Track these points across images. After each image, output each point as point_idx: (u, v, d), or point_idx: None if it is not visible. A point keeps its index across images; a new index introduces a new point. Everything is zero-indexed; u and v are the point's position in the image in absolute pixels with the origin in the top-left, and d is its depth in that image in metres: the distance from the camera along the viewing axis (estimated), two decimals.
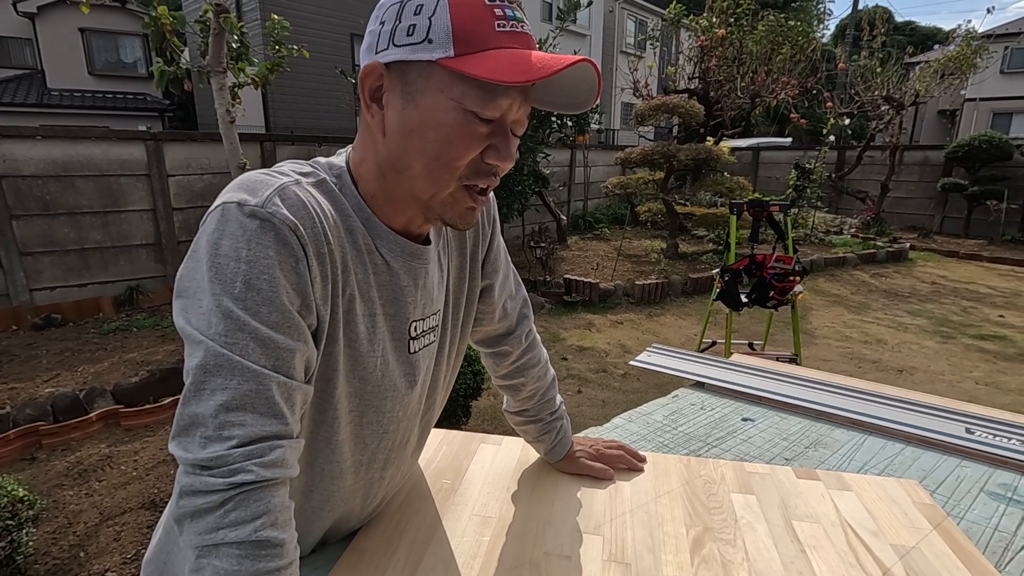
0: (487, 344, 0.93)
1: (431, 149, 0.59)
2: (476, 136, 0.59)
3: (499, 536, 0.84)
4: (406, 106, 0.59)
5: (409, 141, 0.59)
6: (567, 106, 0.63)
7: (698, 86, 8.79)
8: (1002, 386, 4.06)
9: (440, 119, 0.57)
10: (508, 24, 0.57)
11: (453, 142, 0.58)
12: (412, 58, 0.57)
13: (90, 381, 3.76)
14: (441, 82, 0.56)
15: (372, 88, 0.60)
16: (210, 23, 3.48)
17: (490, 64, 0.54)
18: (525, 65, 0.55)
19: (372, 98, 0.61)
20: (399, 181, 0.62)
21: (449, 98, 0.57)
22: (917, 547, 0.84)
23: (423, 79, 0.57)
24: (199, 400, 0.52)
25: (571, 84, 0.60)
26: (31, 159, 4.89)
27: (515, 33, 0.57)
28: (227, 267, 0.52)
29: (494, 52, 0.55)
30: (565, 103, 0.63)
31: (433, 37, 0.55)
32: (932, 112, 19.43)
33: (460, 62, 0.55)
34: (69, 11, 12.58)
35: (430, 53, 0.55)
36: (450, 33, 0.55)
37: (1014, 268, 8.32)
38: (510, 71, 0.54)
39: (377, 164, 0.63)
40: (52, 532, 2.35)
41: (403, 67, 0.58)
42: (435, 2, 0.56)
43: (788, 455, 1.15)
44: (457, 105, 0.57)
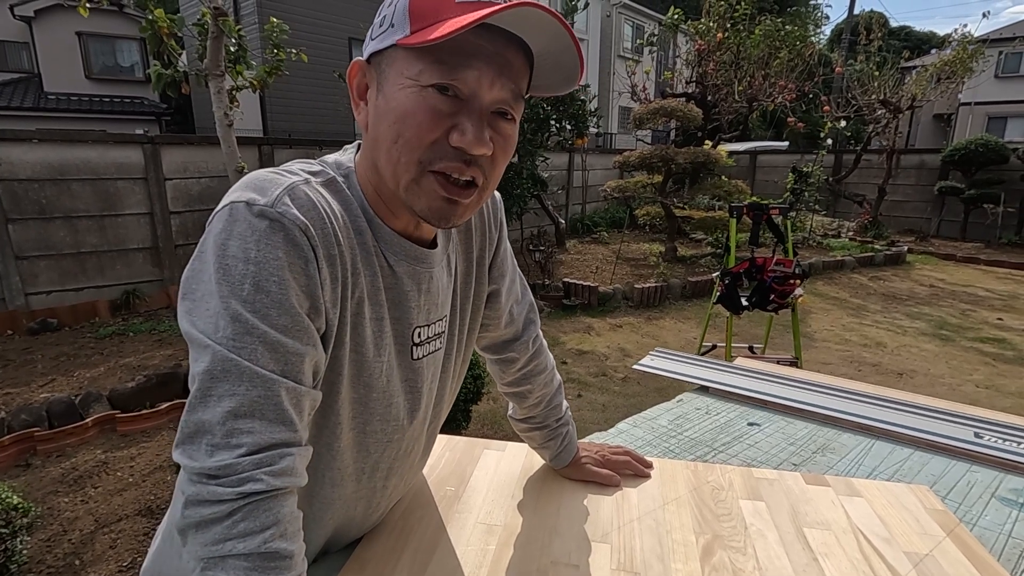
0: (493, 350, 0.91)
1: (390, 132, 0.56)
2: (435, 113, 0.54)
3: (505, 545, 0.82)
4: (378, 96, 0.58)
5: (378, 131, 0.58)
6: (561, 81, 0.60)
7: (696, 90, 8.81)
8: (1002, 389, 4.06)
9: (399, 100, 0.55)
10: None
11: (409, 122, 0.54)
12: (381, 47, 0.56)
13: (86, 386, 3.73)
14: (402, 64, 0.55)
15: (359, 86, 0.60)
16: (208, 26, 3.47)
17: (434, 31, 0.51)
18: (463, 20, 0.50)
19: (359, 96, 0.60)
20: (380, 179, 0.61)
21: (407, 77, 0.54)
22: (931, 554, 0.82)
23: (388, 65, 0.56)
24: (205, 407, 0.50)
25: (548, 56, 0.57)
26: (27, 162, 4.87)
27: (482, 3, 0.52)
28: (235, 268, 0.50)
29: (447, 21, 0.51)
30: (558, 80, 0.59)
31: (395, 21, 0.55)
32: (928, 116, 19.52)
33: (413, 39, 0.53)
34: (66, 15, 12.57)
35: (392, 37, 0.55)
36: (407, 12, 0.54)
37: (1011, 271, 8.34)
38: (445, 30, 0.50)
39: (368, 163, 0.62)
40: (47, 540, 2.32)
41: (378, 58, 0.57)
42: None
43: (796, 460, 1.13)
44: (414, 83, 0.54)
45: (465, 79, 0.54)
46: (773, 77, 8.48)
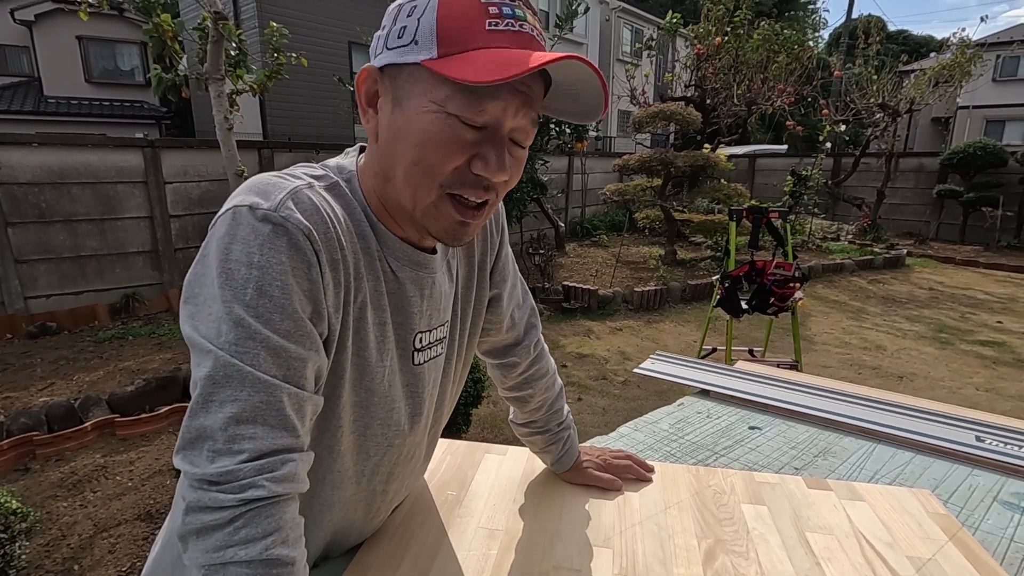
0: (494, 355, 0.91)
1: (411, 154, 0.56)
2: (460, 143, 0.55)
3: (506, 550, 0.82)
4: (394, 110, 0.57)
5: (394, 147, 0.57)
6: (574, 114, 0.60)
7: (695, 94, 8.83)
8: (1002, 392, 4.06)
9: (422, 123, 0.54)
10: (503, 23, 0.53)
11: (432, 147, 0.55)
12: (400, 61, 0.55)
13: (85, 390, 3.72)
14: (426, 85, 0.54)
15: (368, 93, 0.59)
16: (208, 30, 3.48)
17: (469, 65, 0.50)
18: (504, 64, 0.50)
19: (368, 103, 0.59)
20: (389, 189, 0.60)
21: (432, 101, 0.54)
22: (933, 559, 0.82)
23: (410, 83, 0.55)
24: (207, 412, 0.49)
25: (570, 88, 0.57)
26: (27, 166, 4.87)
27: (511, 33, 0.53)
28: (238, 273, 0.50)
29: (480, 52, 0.51)
30: (571, 110, 0.60)
31: (419, 38, 0.53)
32: (926, 119, 19.58)
33: (441, 64, 0.52)
34: (67, 19, 12.59)
35: (416, 55, 0.53)
36: (434, 33, 0.52)
37: (1010, 274, 8.35)
38: (486, 71, 0.50)
39: (373, 171, 0.61)
40: (45, 544, 2.31)
41: (394, 71, 0.56)
42: (426, 2, 0.54)
43: (797, 464, 1.13)
44: (439, 109, 0.54)
45: (491, 110, 0.54)
46: (772, 81, 8.50)
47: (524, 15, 0.55)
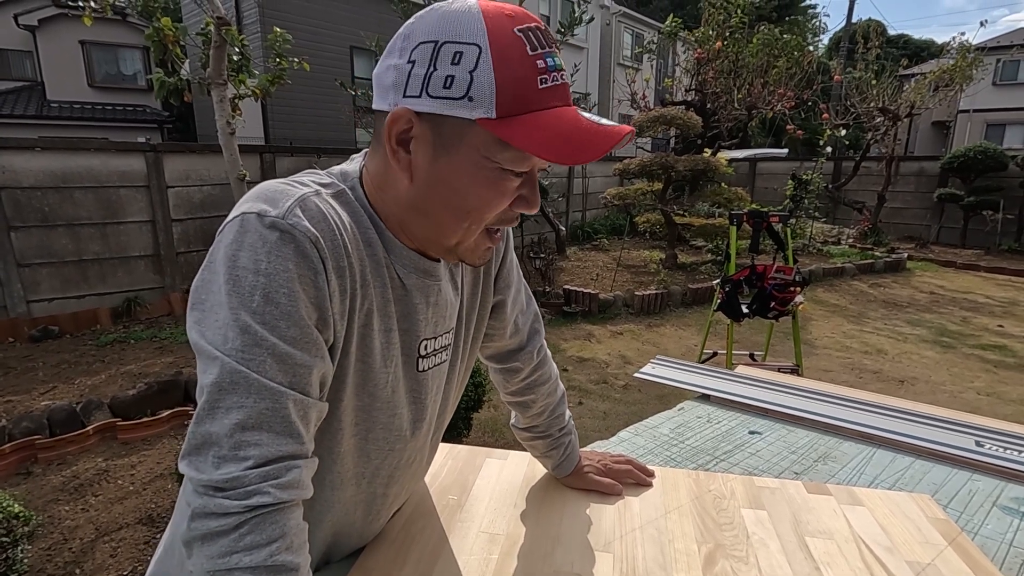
0: (498, 360, 0.91)
1: (462, 203, 0.58)
2: (509, 191, 0.59)
3: (507, 554, 0.82)
4: (438, 158, 0.57)
5: (437, 191, 0.58)
6: None
7: (695, 98, 8.86)
8: (1004, 396, 4.05)
9: (474, 176, 0.56)
10: (550, 78, 0.54)
11: (486, 199, 0.58)
12: (450, 114, 0.54)
13: (87, 394, 3.73)
14: (479, 140, 0.54)
15: (400, 132, 0.57)
16: (211, 35, 3.50)
17: (536, 136, 0.52)
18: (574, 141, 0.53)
19: (399, 143, 0.57)
20: (421, 222, 0.62)
21: (485, 156, 0.55)
22: (933, 563, 0.82)
23: (457, 134, 0.55)
24: (213, 419, 0.50)
25: None
26: (30, 171, 4.89)
27: (556, 87, 0.55)
28: (245, 280, 0.51)
29: (538, 117, 0.53)
30: None
31: (474, 95, 0.52)
32: (927, 123, 19.60)
33: (504, 128, 0.52)
34: (70, 24, 12.66)
35: (470, 111, 0.53)
36: (494, 94, 0.52)
37: (1012, 278, 8.35)
38: (558, 148, 0.52)
39: (398, 200, 0.61)
40: (47, 548, 2.32)
41: (437, 119, 0.55)
42: (476, 53, 0.52)
43: (797, 469, 1.14)
44: (495, 165, 0.56)
45: (533, 162, 0.58)
46: (772, 85, 8.52)
47: (560, 63, 0.56)
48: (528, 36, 0.54)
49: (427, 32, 0.54)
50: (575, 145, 0.53)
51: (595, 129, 0.54)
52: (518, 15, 0.55)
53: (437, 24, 0.54)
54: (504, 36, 0.53)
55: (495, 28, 0.53)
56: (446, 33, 0.53)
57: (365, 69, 11.64)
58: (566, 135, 0.53)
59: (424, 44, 0.54)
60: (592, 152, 0.53)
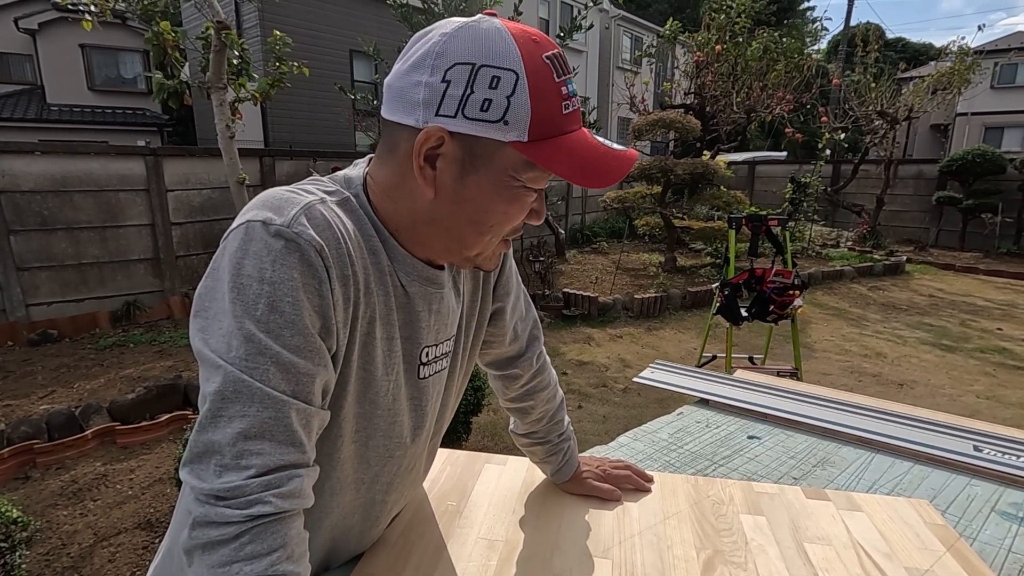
0: (497, 367, 0.91)
1: (485, 219, 0.61)
2: (527, 206, 0.62)
3: (506, 561, 0.82)
4: (466, 176, 0.58)
5: (461, 208, 0.60)
6: None
7: (694, 101, 8.88)
8: (1003, 400, 4.05)
9: (499, 194, 0.59)
10: (571, 104, 0.58)
11: (509, 215, 0.61)
12: (486, 136, 0.56)
13: (86, 398, 3.72)
14: (509, 161, 0.57)
15: (430, 148, 0.57)
16: (211, 40, 3.51)
17: (564, 161, 0.56)
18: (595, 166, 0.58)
19: (426, 159, 0.58)
20: (439, 235, 0.63)
21: (512, 176, 0.58)
22: (931, 569, 0.82)
23: (488, 153, 0.57)
24: (215, 427, 0.50)
25: None
26: (30, 174, 4.90)
27: (574, 112, 0.59)
28: (250, 288, 0.51)
29: (561, 140, 0.57)
30: None
31: (510, 119, 0.55)
32: (925, 126, 19.65)
33: (534, 151, 0.56)
34: (70, 28, 12.69)
35: (504, 134, 0.55)
36: (528, 119, 0.55)
37: (1010, 281, 8.36)
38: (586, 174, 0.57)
39: (414, 212, 0.62)
40: (46, 554, 2.31)
41: (470, 139, 0.56)
42: (513, 80, 0.54)
43: (796, 474, 1.14)
44: (519, 184, 0.59)
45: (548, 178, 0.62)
46: (771, 88, 8.55)
47: (576, 89, 0.60)
48: (554, 63, 0.57)
49: (463, 54, 0.55)
50: (596, 170, 0.58)
51: (610, 154, 0.59)
52: (542, 41, 0.58)
53: (472, 46, 0.55)
54: (536, 64, 0.56)
55: (528, 55, 0.55)
56: (483, 57, 0.55)
57: (364, 73, 11.67)
58: (587, 160, 0.58)
59: (461, 66, 0.55)
60: (611, 177, 0.58)
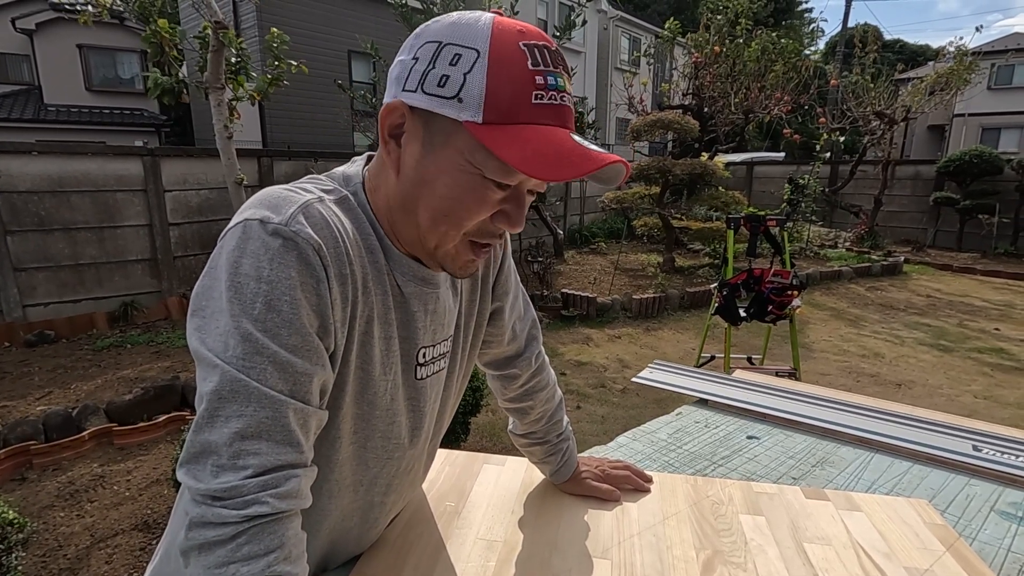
0: (496, 367, 0.91)
1: (440, 205, 0.57)
2: (489, 202, 0.58)
3: (505, 561, 0.82)
4: (425, 155, 0.57)
5: (420, 190, 0.58)
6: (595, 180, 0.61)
7: (692, 102, 8.89)
8: (1000, 400, 4.06)
9: (455, 179, 0.56)
10: (547, 96, 0.54)
11: (464, 204, 0.57)
12: (439, 112, 0.54)
13: (83, 399, 3.71)
14: (464, 144, 0.54)
15: (392, 125, 0.58)
16: (209, 39, 3.50)
17: (518, 149, 0.52)
18: (553, 159, 0.52)
19: (391, 134, 0.58)
20: (408, 222, 0.61)
21: (468, 161, 0.55)
22: (931, 569, 0.82)
23: (445, 133, 0.55)
24: (212, 427, 0.50)
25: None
26: (27, 174, 4.88)
27: (552, 107, 0.54)
28: (247, 287, 0.51)
29: (524, 129, 0.52)
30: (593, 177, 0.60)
31: (464, 97, 0.53)
32: (922, 127, 19.70)
33: (487, 134, 0.52)
34: (67, 28, 12.66)
35: (458, 112, 0.53)
36: (483, 99, 0.52)
37: (1008, 281, 8.37)
38: (537, 163, 0.51)
39: (387, 197, 0.62)
40: (42, 556, 2.30)
41: (428, 115, 0.55)
42: (474, 57, 0.53)
43: (795, 474, 1.13)
44: (476, 171, 0.55)
45: (519, 177, 0.57)
46: (769, 89, 8.56)
47: (564, 84, 0.55)
48: (533, 52, 0.54)
49: (436, 34, 0.56)
50: (550, 162, 0.52)
51: (579, 151, 0.53)
52: (528, 32, 0.55)
53: (447, 28, 0.55)
54: (506, 47, 0.53)
55: (499, 38, 0.53)
56: (452, 36, 0.54)
57: (363, 73, 11.67)
58: (543, 151, 0.52)
59: (430, 43, 0.55)
60: (566, 172, 0.52)
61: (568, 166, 0.52)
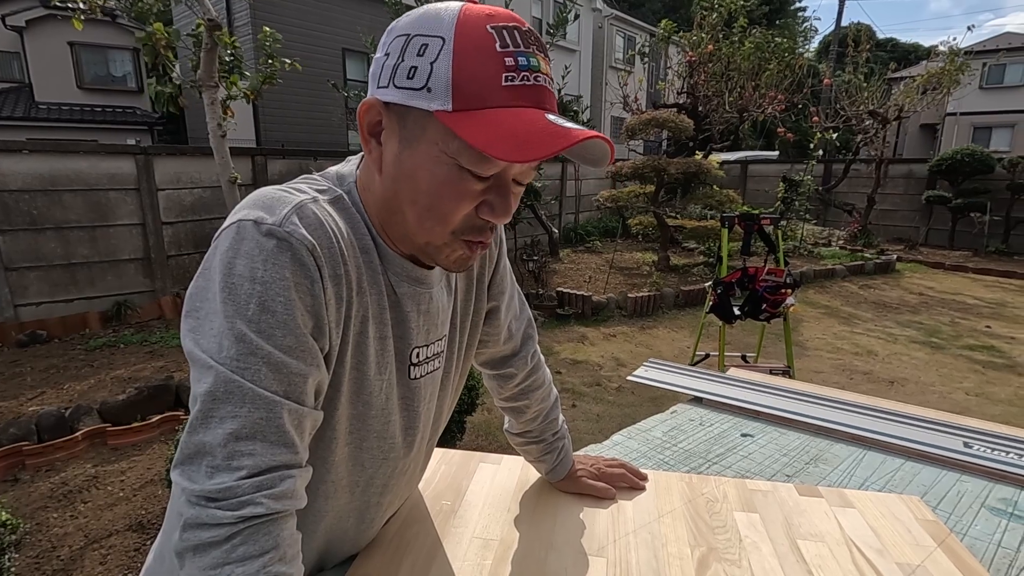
0: (492, 366, 0.91)
1: (422, 201, 0.57)
2: (469, 193, 0.56)
3: (501, 560, 0.82)
4: (402, 151, 0.56)
5: (401, 186, 0.57)
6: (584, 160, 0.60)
7: (687, 101, 8.90)
8: (992, 397, 4.10)
9: (433, 172, 0.55)
10: (519, 77, 0.52)
11: (444, 197, 0.56)
12: (411, 104, 0.53)
13: (76, 399, 3.69)
14: (437, 134, 0.53)
15: (371, 123, 0.57)
16: (202, 38, 3.48)
17: (487, 132, 0.50)
18: (523, 139, 0.50)
19: (371, 133, 0.58)
20: (396, 220, 0.61)
21: (443, 152, 0.54)
22: (922, 565, 0.83)
23: (419, 127, 0.54)
24: (207, 428, 0.50)
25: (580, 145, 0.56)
26: (18, 173, 4.84)
27: (525, 87, 0.52)
28: (241, 287, 0.50)
29: (495, 113, 0.51)
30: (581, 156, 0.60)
31: (432, 86, 0.52)
32: (915, 126, 19.83)
33: (457, 120, 0.51)
34: (58, 25, 12.54)
35: (428, 103, 0.52)
36: (449, 85, 0.51)
37: (999, 279, 8.44)
38: (504, 145, 0.49)
39: (375, 196, 0.62)
40: (35, 557, 2.29)
41: (402, 110, 0.54)
42: (439, 45, 0.52)
43: (789, 471, 1.14)
44: (452, 161, 0.54)
45: (497, 165, 0.55)
46: (763, 88, 8.59)
47: (539, 64, 0.54)
48: (502, 33, 0.52)
49: (404, 27, 0.55)
50: (520, 143, 0.50)
51: (551, 130, 0.51)
52: (498, 15, 0.53)
53: (415, 19, 0.55)
54: (472, 31, 0.52)
55: (465, 23, 0.52)
56: (419, 27, 0.54)
57: (357, 71, 11.63)
58: (513, 133, 0.50)
59: (399, 37, 0.55)
60: (536, 151, 0.50)
61: (538, 145, 0.50)
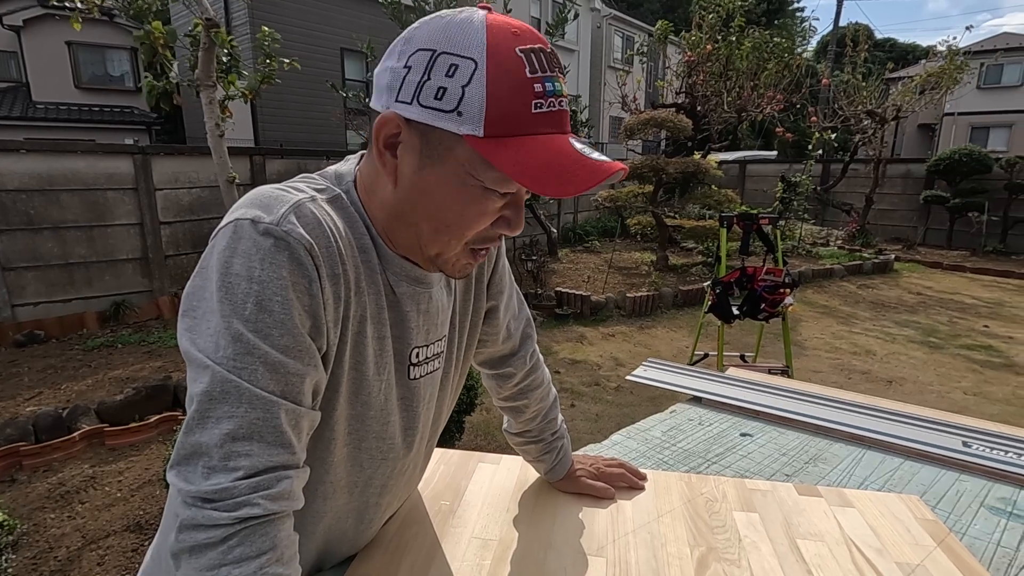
0: (490, 366, 0.91)
1: (442, 217, 0.57)
2: (491, 211, 0.58)
3: (500, 560, 0.82)
4: (423, 167, 0.56)
5: (420, 201, 0.57)
6: None
7: (685, 100, 8.91)
8: (989, 396, 4.10)
9: (457, 192, 0.56)
10: (546, 103, 0.53)
11: (467, 215, 0.57)
12: (438, 125, 0.53)
13: (73, 399, 3.68)
14: (464, 157, 0.54)
15: (388, 136, 0.56)
16: (200, 37, 3.48)
17: (520, 161, 0.51)
18: (558, 171, 0.51)
19: (386, 146, 0.57)
20: (403, 230, 0.61)
21: (469, 173, 0.54)
22: (922, 564, 0.83)
23: (444, 148, 0.54)
24: (203, 428, 0.49)
25: None
26: (15, 173, 4.83)
27: (552, 113, 0.53)
28: (238, 287, 0.50)
29: (527, 142, 0.52)
30: None
31: (464, 110, 0.51)
32: (913, 126, 19.87)
33: (490, 148, 0.51)
34: (55, 24, 12.51)
35: (457, 126, 0.52)
36: (483, 112, 0.51)
37: (997, 279, 8.46)
38: (541, 177, 0.51)
39: (383, 204, 0.61)
40: (33, 558, 2.28)
41: (425, 127, 0.54)
42: (471, 68, 0.51)
43: (788, 471, 1.14)
44: (478, 183, 0.55)
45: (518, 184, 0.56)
46: (761, 88, 8.59)
47: (561, 88, 0.54)
48: (530, 57, 0.52)
49: (427, 39, 0.53)
50: (557, 176, 0.51)
51: (582, 162, 0.53)
52: (523, 33, 0.53)
53: (439, 32, 0.53)
54: (503, 54, 0.51)
55: (495, 45, 0.51)
56: (445, 43, 0.52)
57: (356, 71, 11.62)
58: (548, 163, 0.52)
59: (422, 51, 0.53)
60: (574, 187, 0.51)
61: (577, 180, 0.52)
